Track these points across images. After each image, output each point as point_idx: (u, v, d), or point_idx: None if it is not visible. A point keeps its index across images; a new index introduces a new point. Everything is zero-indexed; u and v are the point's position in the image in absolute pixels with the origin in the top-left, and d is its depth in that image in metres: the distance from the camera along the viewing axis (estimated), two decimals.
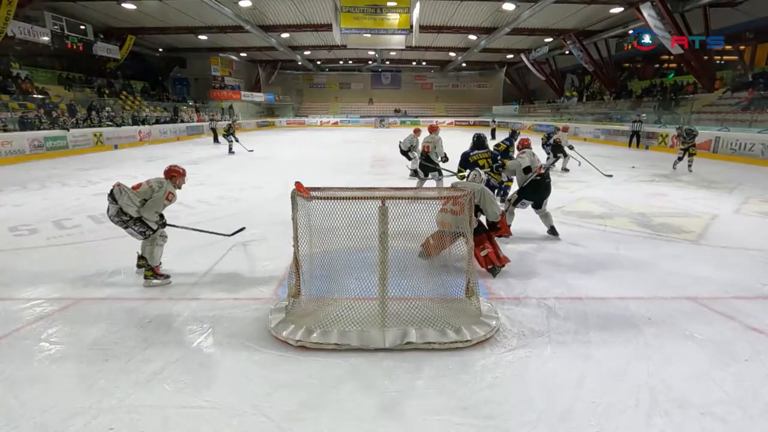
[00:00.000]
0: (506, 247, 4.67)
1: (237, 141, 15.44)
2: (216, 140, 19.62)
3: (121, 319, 3.06)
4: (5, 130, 13.24)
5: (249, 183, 8.77)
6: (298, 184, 2.98)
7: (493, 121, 25.70)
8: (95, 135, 16.36)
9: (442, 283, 3.43)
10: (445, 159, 7.49)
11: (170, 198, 3.79)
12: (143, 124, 20.35)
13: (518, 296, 3.46)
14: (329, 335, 2.74)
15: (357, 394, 2.30)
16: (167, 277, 3.80)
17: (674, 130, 11.28)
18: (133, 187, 3.76)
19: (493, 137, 21.56)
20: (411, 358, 2.61)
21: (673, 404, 2.18)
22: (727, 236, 5.11)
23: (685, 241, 4.94)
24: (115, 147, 17.02)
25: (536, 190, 4.95)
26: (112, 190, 3.70)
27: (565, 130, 10.80)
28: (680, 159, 10.37)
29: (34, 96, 16.83)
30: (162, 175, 3.91)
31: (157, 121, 22.01)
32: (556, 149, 9.79)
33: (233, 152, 15.17)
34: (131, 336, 2.83)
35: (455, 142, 12.68)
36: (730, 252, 4.60)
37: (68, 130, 15.06)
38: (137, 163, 12.39)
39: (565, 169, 10.31)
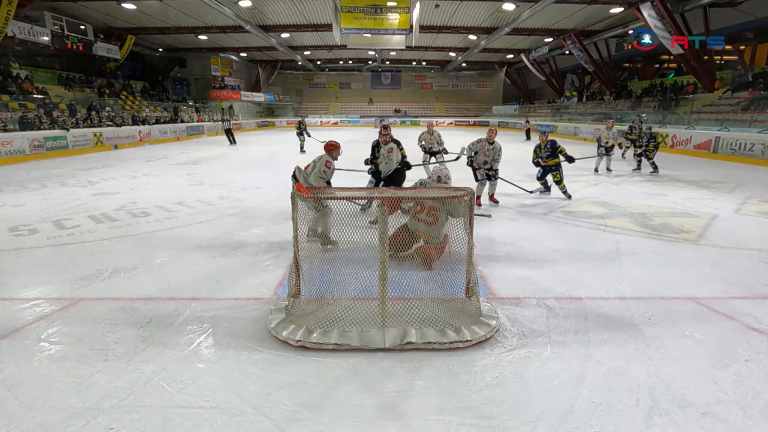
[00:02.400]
0: (506, 248, 4.67)
1: (309, 135, 15.23)
2: (232, 141, 18.85)
3: (121, 319, 3.06)
4: (5, 130, 13.25)
5: (249, 183, 8.77)
6: (298, 184, 2.99)
7: (527, 122, 24.04)
8: (95, 135, 16.37)
9: (442, 283, 3.44)
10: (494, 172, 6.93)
11: (329, 166, 4.52)
12: (143, 124, 20.36)
13: (518, 296, 3.46)
14: (329, 335, 2.74)
15: (357, 394, 2.30)
16: (336, 242, 4.21)
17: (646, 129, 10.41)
18: (305, 167, 4.64)
19: (528, 138, 21.05)
20: (411, 358, 2.61)
21: (673, 404, 2.18)
22: (727, 236, 5.11)
23: (685, 241, 4.94)
24: (115, 147, 17.03)
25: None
26: (294, 172, 4.59)
27: (608, 127, 10.04)
28: (639, 163, 10.14)
29: (34, 96, 16.84)
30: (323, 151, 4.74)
31: (157, 121, 22.02)
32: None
33: (305, 151, 14.76)
34: (131, 336, 2.83)
35: (456, 140, 12.67)
36: (730, 252, 4.60)
37: (68, 130, 15.07)
38: (137, 163, 12.39)
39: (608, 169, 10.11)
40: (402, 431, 2.04)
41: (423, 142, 8.74)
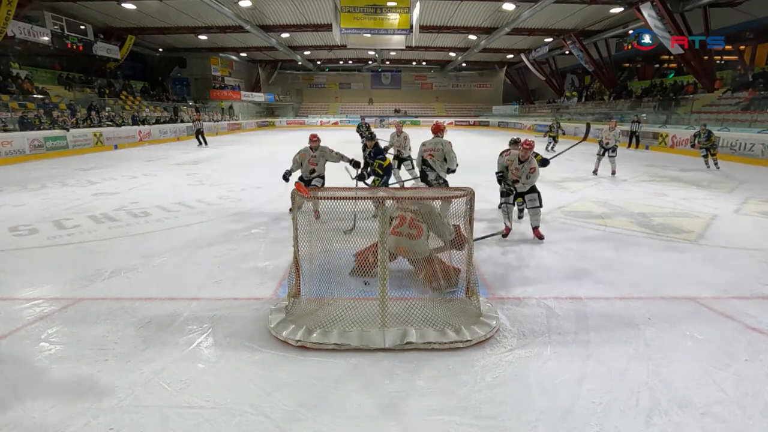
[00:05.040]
0: (506, 248, 4.67)
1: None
2: (201, 143, 17.92)
3: (121, 319, 3.06)
4: (5, 130, 13.24)
5: (249, 183, 8.77)
6: (298, 184, 2.99)
7: (557, 122, 22.10)
8: (95, 135, 16.36)
9: None
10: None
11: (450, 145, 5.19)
12: (143, 124, 20.35)
13: (518, 296, 3.46)
14: (329, 335, 2.74)
15: (357, 394, 2.30)
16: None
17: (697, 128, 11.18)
18: (428, 157, 5.16)
19: (556, 141, 20.20)
20: (411, 358, 2.61)
21: (673, 404, 2.19)
22: (727, 236, 5.11)
23: (685, 241, 4.94)
24: (115, 147, 17.02)
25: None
26: (426, 161, 5.13)
27: (611, 127, 9.65)
28: (706, 158, 10.72)
29: (34, 96, 16.83)
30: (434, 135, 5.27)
31: (157, 121, 22.01)
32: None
33: None
34: (131, 336, 2.83)
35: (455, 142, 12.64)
36: (730, 252, 4.60)
37: (68, 130, 15.06)
38: (137, 163, 12.39)
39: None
40: (402, 431, 2.04)
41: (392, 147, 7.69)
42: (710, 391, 2.29)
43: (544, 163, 5.62)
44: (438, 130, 5.22)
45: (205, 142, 18.17)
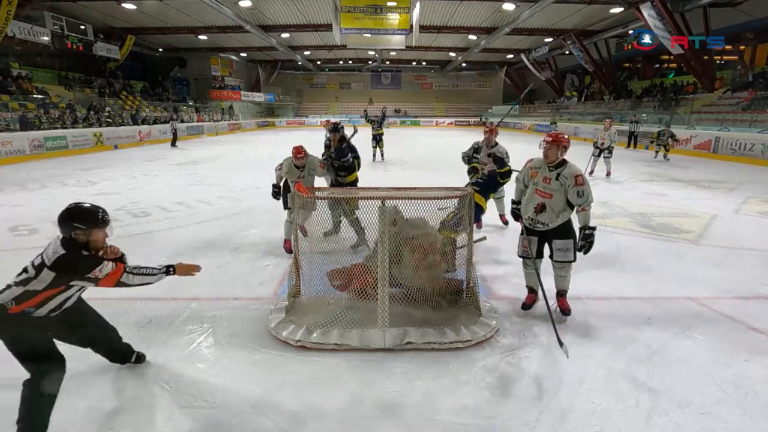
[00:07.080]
0: (506, 248, 4.66)
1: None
2: (174, 143, 17.81)
3: (121, 319, 3.05)
4: (5, 130, 13.24)
5: (249, 183, 8.76)
6: (298, 184, 2.99)
7: (554, 123, 20.82)
8: (95, 135, 16.35)
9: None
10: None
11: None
12: (143, 124, 20.34)
13: (518, 296, 3.46)
14: (329, 335, 2.74)
15: (357, 394, 2.30)
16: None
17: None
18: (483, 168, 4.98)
19: None
20: (411, 358, 2.61)
21: (673, 404, 2.19)
22: (727, 236, 5.11)
23: (685, 241, 4.94)
24: (115, 147, 17.01)
25: None
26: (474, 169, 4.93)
27: (606, 127, 9.48)
28: (658, 152, 12.80)
29: (34, 96, 16.82)
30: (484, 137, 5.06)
31: (157, 121, 22.00)
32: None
33: (384, 159, 12.42)
34: (131, 336, 2.82)
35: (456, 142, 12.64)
36: (730, 252, 4.60)
37: (68, 128, 15.05)
38: (137, 163, 12.39)
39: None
40: (402, 431, 2.04)
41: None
42: (710, 391, 2.29)
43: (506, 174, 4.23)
44: (489, 132, 5.18)
45: (174, 144, 17.91)
